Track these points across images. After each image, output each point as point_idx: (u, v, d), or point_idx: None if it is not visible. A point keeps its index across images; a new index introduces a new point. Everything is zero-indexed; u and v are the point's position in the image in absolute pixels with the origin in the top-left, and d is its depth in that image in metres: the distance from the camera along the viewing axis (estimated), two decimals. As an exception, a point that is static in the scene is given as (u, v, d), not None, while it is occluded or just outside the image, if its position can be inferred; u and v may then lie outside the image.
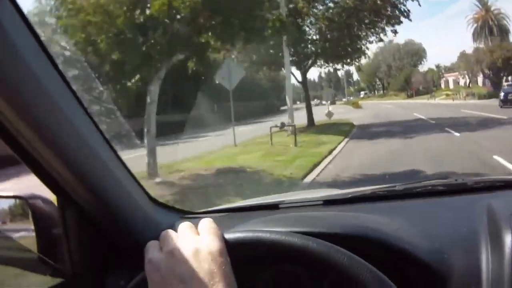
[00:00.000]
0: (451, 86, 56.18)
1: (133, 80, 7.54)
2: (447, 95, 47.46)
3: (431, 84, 60.94)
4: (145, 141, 7.57)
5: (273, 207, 1.16)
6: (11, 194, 0.94)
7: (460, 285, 0.78)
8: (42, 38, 0.70)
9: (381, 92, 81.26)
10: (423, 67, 71.14)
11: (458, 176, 1.21)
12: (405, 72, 66.51)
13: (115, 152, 0.88)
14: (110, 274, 0.94)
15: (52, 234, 0.89)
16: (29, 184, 0.89)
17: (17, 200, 0.93)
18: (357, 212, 1.01)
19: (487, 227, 0.85)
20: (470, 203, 0.99)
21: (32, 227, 0.89)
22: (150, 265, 0.65)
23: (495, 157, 8.70)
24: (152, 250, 0.67)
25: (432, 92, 51.98)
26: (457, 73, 54.94)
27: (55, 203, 0.89)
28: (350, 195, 1.16)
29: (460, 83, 53.54)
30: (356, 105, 44.30)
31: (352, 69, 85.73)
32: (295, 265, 0.73)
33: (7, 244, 0.95)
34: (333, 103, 51.90)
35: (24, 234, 0.92)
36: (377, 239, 0.83)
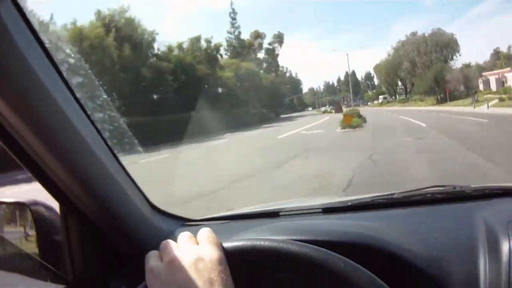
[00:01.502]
0: (493, 87, 44.77)
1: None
2: (501, 99, 33.28)
3: (471, 85, 45.28)
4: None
5: (273, 214, 1.17)
6: (13, 200, 0.95)
7: None
8: (47, 45, 0.71)
9: (404, 96, 67.62)
10: (455, 64, 56.02)
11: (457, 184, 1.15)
12: (434, 70, 50.56)
13: (117, 159, 0.89)
14: (111, 281, 0.94)
15: (54, 240, 0.90)
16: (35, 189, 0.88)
17: (20, 206, 0.94)
18: (356, 220, 1.01)
19: (485, 234, 0.86)
20: (468, 211, 1.00)
21: (34, 233, 0.90)
22: (151, 274, 0.66)
23: None
24: (152, 260, 0.68)
25: (474, 95, 36.49)
26: (509, 68, 43.79)
27: (57, 209, 0.90)
28: (349, 203, 1.16)
29: (509, 83, 42.14)
30: (348, 121, 21.59)
31: (373, 73, 77.48)
32: (295, 273, 0.74)
33: (9, 250, 0.96)
34: (335, 110, 46.08)
35: (26, 240, 0.93)
36: (376, 247, 0.84)
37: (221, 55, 46.05)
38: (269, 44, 71.37)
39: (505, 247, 0.79)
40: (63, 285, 0.91)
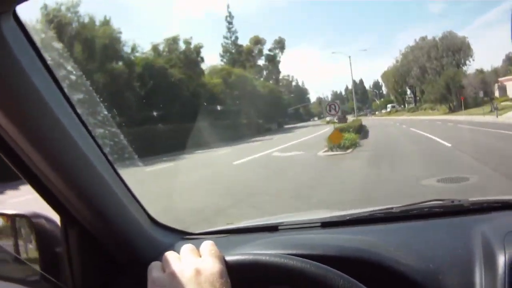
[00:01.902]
0: (510, 93, 40.23)
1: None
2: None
3: (489, 91, 40.85)
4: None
5: (272, 229, 1.17)
6: (15, 212, 0.96)
7: None
8: (49, 62, 0.74)
9: (413, 104, 61.40)
10: (468, 69, 49.34)
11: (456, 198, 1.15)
12: (446, 75, 45.21)
13: (117, 173, 0.91)
14: None
15: (55, 252, 0.92)
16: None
17: (21, 218, 0.95)
18: (354, 234, 1.02)
19: (481, 247, 0.86)
20: (466, 224, 1.00)
21: (35, 245, 0.91)
22: (153, 285, 0.67)
23: None
24: (155, 271, 0.69)
25: (493, 103, 31.24)
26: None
27: (58, 222, 0.91)
28: (348, 217, 1.17)
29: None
30: (336, 139, 14.66)
31: (381, 81, 71.45)
32: (293, 286, 0.74)
33: (10, 262, 0.97)
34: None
35: (27, 251, 0.94)
36: (373, 261, 0.84)
37: (202, 58, 39.70)
38: (270, 50, 66.24)
39: (500, 260, 0.79)
40: None
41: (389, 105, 72.09)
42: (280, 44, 67.06)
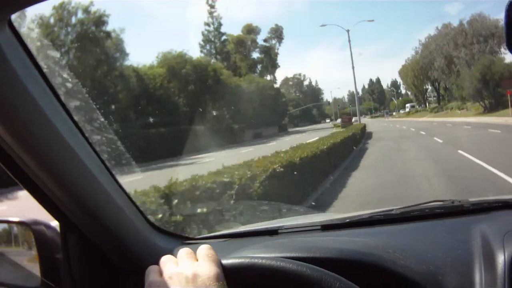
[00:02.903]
0: None
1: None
2: None
3: None
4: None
5: (272, 232, 1.17)
6: (15, 219, 0.97)
7: None
8: (45, 70, 0.74)
9: (436, 104, 51.81)
10: (505, 57, 36.07)
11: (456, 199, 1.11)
12: (481, 65, 33.89)
13: (115, 179, 0.91)
14: None
15: (55, 258, 0.92)
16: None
17: (22, 225, 0.96)
18: (354, 237, 1.02)
19: (481, 247, 0.86)
20: (466, 225, 1.00)
21: (35, 251, 0.92)
22: None
23: None
24: (152, 274, 0.71)
25: None
26: None
27: (58, 229, 0.92)
28: (347, 220, 1.17)
29: None
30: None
31: (400, 79, 61.84)
32: None
33: (10, 268, 0.98)
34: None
35: (27, 258, 0.95)
36: (372, 263, 0.85)
37: (107, 33, 27.30)
38: (265, 40, 55.66)
39: (500, 259, 0.80)
40: None
41: (408, 105, 63.08)
42: (277, 33, 57.30)
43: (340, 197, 7.13)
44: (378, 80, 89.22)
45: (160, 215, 3.11)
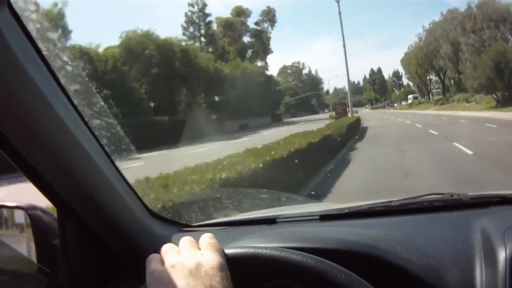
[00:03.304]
0: None
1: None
2: None
3: None
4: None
5: (271, 221, 1.17)
6: (12, 204, 0.96)
7: None
8: (45, 53, 0.73)
9: (441, 95, 47.86)
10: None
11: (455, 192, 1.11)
12: (494, 51, 30.27)
13: (114, 165, 0.90)
14: (108, 284, 0.96)
15: (51, 244, 0.92)
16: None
17: (18, 211, 0.95)
18: (353, 228, 1.01)
19: (481, 243, 0.86)
20: (465, 219, 0.99)
21: (32, 237, 0.92)
22: (152, 277, 0.67)
23: None
24: (154, 263, 0.69)
25: None
26: None
27: (55, 214, 0.91)
28: (346, 211, 1.16)
29: None
30: None
31: (402, 69, 57.92)
32: (294, 280, 0.75)
33: (6, 253, 0.97)
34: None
35: (23, 244, 0.95)
36: (372, 255, 0.84)
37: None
38: (256, 23, 51.36)
39: (501, 255, 0.80)
40: None
41: (410, 96, 58.57)
42: (269, 16, 52.94)
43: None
44: (379, 70, 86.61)
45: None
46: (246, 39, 51.18)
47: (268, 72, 50.77)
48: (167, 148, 18.57)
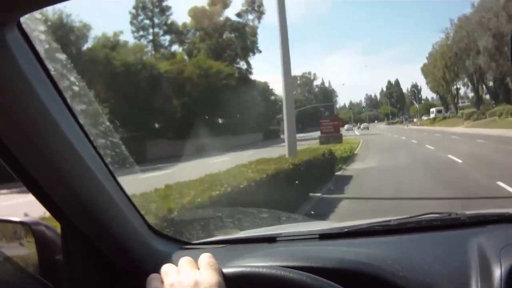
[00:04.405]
0: None
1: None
2: None
3: None
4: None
5: (270, 240, 1.17)
6: (16, 219, 0.98)
7: None
8: (53, 73, 0.75)
9: (473, 107, 39.15)
10: None
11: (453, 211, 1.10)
12: None
13: (118, 183, 0.92)
14: None
15: (55, 259, 0.93)
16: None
17: (22, 226, 0.97)
18: (352, 247, 1.02)
19: (478, 261, 0.87)
20: (463, 238, 1.00)
21: (35, 252, 0.93)
22: None
23: None
24: (154, 282, 0.71)
25: None
26: None
27: (59, 230, 0.93)
28: (345, 229, 1.17)
29: None
30: None
31: (420, 82, 51.66)
32: None
33: (9, 268, 0.98)
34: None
35: (27, 259, 0.96)
36: (370, 274, 0.85)
37: None
38: (238, 15, 38.90)
39: (497, 273, 0.80)
40: None
41: (433, 109, 47.31)
42: (255, 5, 39.75)
43: None
44: (397, 82, 79.58)
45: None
46: (226, 34, 39.65)
47: (253, 76, 40.04)
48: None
